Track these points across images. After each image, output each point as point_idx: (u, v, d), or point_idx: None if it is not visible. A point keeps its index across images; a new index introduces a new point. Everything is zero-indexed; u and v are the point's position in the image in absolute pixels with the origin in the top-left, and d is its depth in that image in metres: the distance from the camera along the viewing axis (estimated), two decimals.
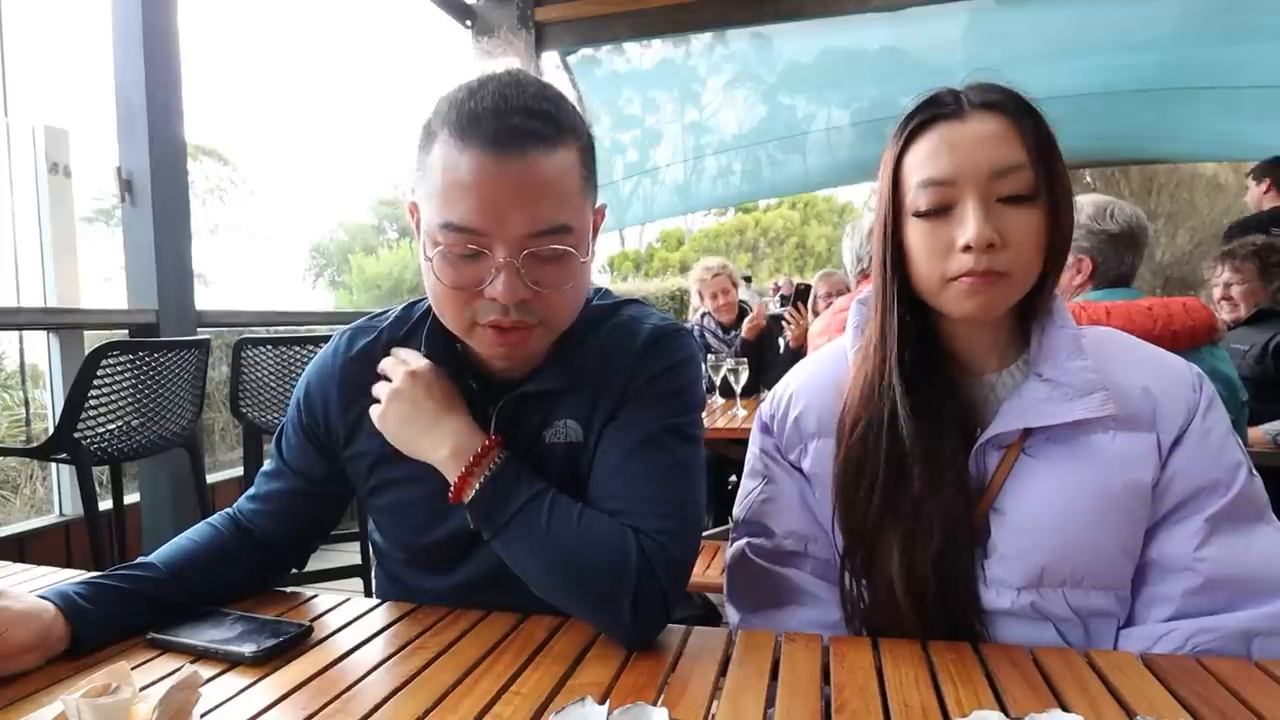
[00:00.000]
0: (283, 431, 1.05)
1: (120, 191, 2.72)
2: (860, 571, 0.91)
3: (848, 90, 5.58)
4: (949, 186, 0.83)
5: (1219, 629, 0.79)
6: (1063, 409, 0.84)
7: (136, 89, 2.68)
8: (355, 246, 21.42)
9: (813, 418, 0.98)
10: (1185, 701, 0.67)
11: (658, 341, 0.97)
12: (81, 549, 2.66)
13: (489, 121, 0.79)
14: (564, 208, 0.82)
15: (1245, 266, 2.71)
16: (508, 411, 0.95)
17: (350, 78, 44.72)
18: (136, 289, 2.77)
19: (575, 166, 0.84)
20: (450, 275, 0.83)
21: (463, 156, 0.79)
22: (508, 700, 0.70)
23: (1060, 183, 0.83)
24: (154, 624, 0.84)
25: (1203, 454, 0.84)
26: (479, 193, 0.79)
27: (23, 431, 4.41)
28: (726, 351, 3.66)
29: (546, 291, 0.83)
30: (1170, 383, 0.87)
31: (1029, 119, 0.83)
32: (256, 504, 1.03)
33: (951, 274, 0.83)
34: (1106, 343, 0.91)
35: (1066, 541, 0.84)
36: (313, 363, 1.04)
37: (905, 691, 0.69)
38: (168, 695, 0.61)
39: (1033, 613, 0.85)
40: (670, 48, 5.39)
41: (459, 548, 0.97)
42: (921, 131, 0.85)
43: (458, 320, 0.86)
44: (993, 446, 0.88)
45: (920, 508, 0.86)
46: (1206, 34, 4.46)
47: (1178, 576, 0.83)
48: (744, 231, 25.05)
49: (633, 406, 0.93)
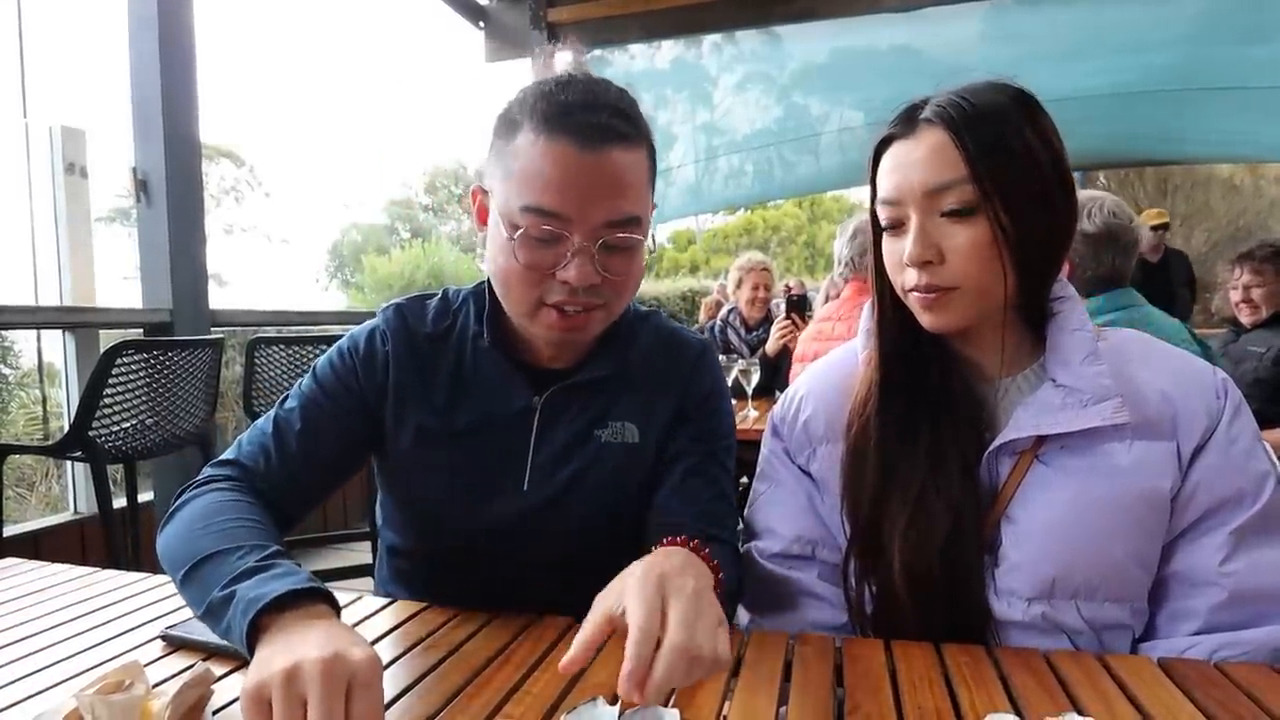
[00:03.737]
0: (305, 383, 1.00)
1: (135, 191, 2.74)
2: (863, 572, 0.91)
3: (861, 91, 5.55)
4: (896, 205, 0.85)
5: (1246, 644, 0.77)
6: (1075, 416, 0.82)
7: (152, 89, 2.70)
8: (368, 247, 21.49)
9: (821, 422, 0.98)
10: (1203, 707, 0.66)
11: (704, 356, 1.06)
12: (96, 547, 2.68)
13: (579, 115, 0.83)
14: (637, 202, 0.88)
15: (1265, 268, 2.69)
16: (554, 401, 0.98)
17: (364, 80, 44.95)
18: (151, 288, 2.79)
19: (646, 166, 0.91)
20: (526, 255, 0.86)
21: (551, 145, 0.83)
22: (519, 700, 0.69)
23: (1018, 189, 0.80)
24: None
25: (1226, 464, 0.81)
26: (565, 180, 0.83)
27: (40, 429, 4.45)
28: (746, 351, 3.64)
29: (614, 277, 0.88)
30: (1191, 388, 0.84)
31: (976, 130, 0.81)
32: (266, 464, 0.94)
33: (906, 286, 0.86)
34: (1125, 346, 0.89)
35: (1077, 552, 0.82)
36: (356, 334, 1.01)
37: (919, 694, 0.69)
38: (180, 692, 0.62)
39: (1044, 624, 0.83)
40: (681, 48, 5.38)
41: (484, 543, 0.97)
42: (884, 149, 0.88)
43: (526, 298, 0.89)
44: (1005, 453, 0.86)
45: (921, 508, 0.86)
46: (1221, 34, 4.41)
47: (1203, 591, 0.80)
48: (753, 231, 24.99)
49: (695, 421, 1.01)
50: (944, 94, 0.84)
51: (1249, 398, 0.87)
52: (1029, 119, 0.83)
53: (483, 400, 0.98)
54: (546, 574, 0.98)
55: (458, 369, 1.00)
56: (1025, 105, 0.84)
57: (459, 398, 0.99)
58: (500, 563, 0.98)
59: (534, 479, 0.97)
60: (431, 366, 1.00)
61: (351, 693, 0.56)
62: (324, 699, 0.54)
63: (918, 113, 0.85)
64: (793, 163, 6.58)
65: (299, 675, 0.55)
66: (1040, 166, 0.82)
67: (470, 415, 0.98)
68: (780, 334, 3.18)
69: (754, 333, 3.78)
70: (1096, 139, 5.91)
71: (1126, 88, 5.02)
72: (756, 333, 3.76)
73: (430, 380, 0.99)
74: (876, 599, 0.90)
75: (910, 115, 0.85)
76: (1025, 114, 0.83)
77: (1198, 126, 5.63)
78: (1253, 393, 2.47)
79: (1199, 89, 5.00)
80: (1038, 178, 0.82)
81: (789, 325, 3.16)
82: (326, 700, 0.54)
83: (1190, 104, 5.21)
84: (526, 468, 0.97)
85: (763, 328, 3.72)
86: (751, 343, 3.75)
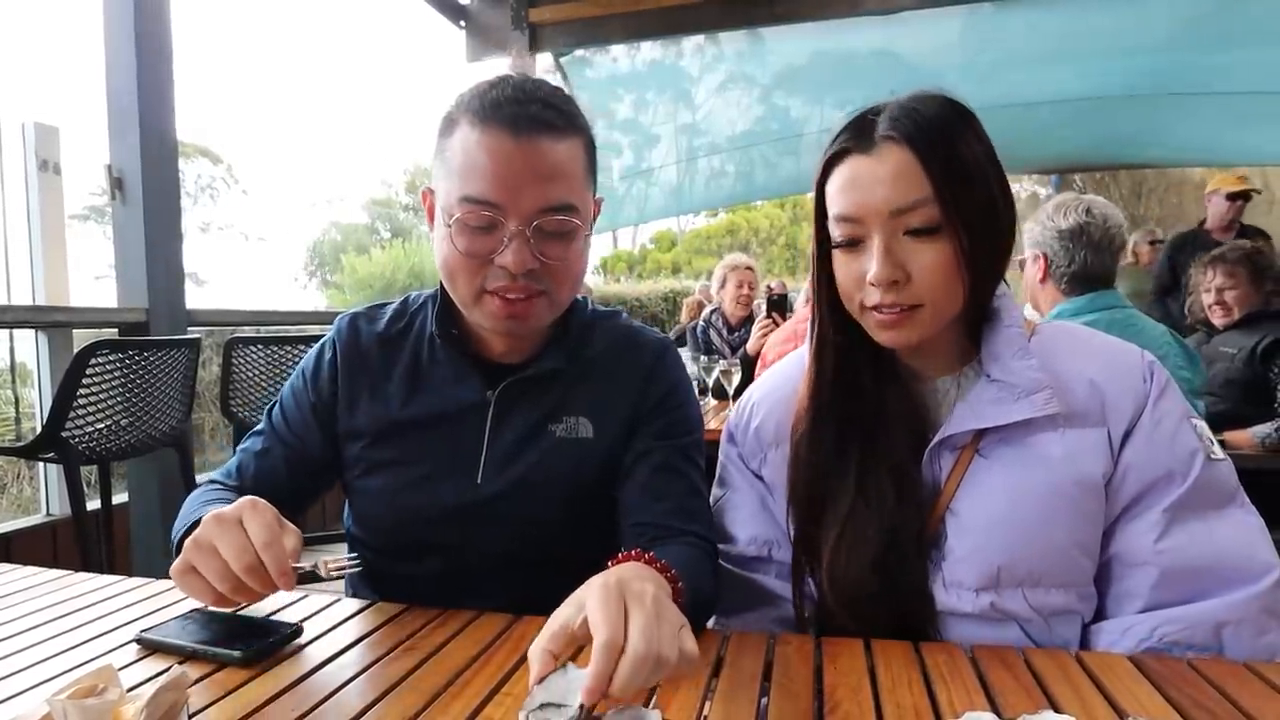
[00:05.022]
0: (275, 409, 1.08)
1: (110, 189, 2.70)
2: (800, 579, 0.94)
3: (842, 92, 5.59)
4: (856, 224, 0.84)
5: (1185, 619, 0.79)
6: (1008, 409, 0.84)
7: (128, 85, 2.66)
8: (348, 246, 21.34)
9: (771, 426, 1.00)
10: (1176, 703, 0.67)
11: (665, 354, 1.07)
12: (68, 549, 2.64)
13: (509, 107, 0.88)
14: (570, 190, 0.91)
15: (1238, 271, 2.74)
16: (508, 395, 1.00)
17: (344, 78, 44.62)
18: (127, 287, 2.75)
19: (581, 157, 0.93)
20: (465, 243, 0.90)
21: (484, 137, 0.88)
22: (499, 702, 0.69)
23: (974, 204, 0.82)
24: None
25: (1154, 445, 0.84)
26: (497, 168, 0.87)
27: (11, 431, 4.38)
28: (728, 352, 3.65)
29: (551, 262, 0.91)
30: (1117, 373, 0.86)
31: (936, 149, 0.81)
32: (249, 480, 1.04)
33: (867, 304, 0.86)
34: (1055, 338, 0.91)
35: (1019, 541, 0.83)
36: (315, 349, 1.09)
37: (898, 692, 0.69)
38: (155, 696, 0.61)
39: (994, 613, 0.84)
40: (663, 49, 5.39)
41: (439, 535, 1.00)
42: (837, 162, 0.87)
43: (468, 286, 0.92)
44: (945, 449, 0.88)
45: (853, 517, 0.88)
46: (1194, 40, 4.48)
47: (1141, 571, 0.83)
48: (735, 232, 25.07)
49: (657, 419, 1.01)
50: (896, 107, 0.84)
51: (1220, 399, 0.89)
52: (974, 132, 0.84)
53: (437, 394, 1.02)
54: (505, 567, 1.00)
55: (414, 366, 1.04)
56: (967, 118, 0.85)
57: (412, 393, 1.02)
58: (455, 555, 1.00)
59: (488, 472, 0.99)
60: (384, 366, 1.04)
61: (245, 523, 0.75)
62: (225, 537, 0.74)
63: (872, 128, 0.84)
64: (774, 164, 6.62)
65: (202, 535, 0.75)
66: (987, 179, 0.84)
67: (424, 409, 1.01)
68: (762, 333, 3.20)
69: (736, 333, 3.80)
70: (1072, 142, 5.99)
71: (1102, 92, 5.08)
72: (739, 333, 3.78)
73: (383, 379, 1.04)
74: (817, 603, 0.92)
75: (864, 129, 0.85)
76: (968, 124, 0.85)
77: (1171, 130, 5.72)
78: (1224, 393, 2.51)
79: (1172, 94, 5.08)
80: (986, 190, 0.83)
81: (770, 324, 3.18)
82: (228, 536, 0.74)
83: (1164, 108, 5.29)
84: (481, 461, 0.99)
85: (745, 328, 3.74)
86: (734, 343, 3.76)
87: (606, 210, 1.16)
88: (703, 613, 0.89)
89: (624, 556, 0.74)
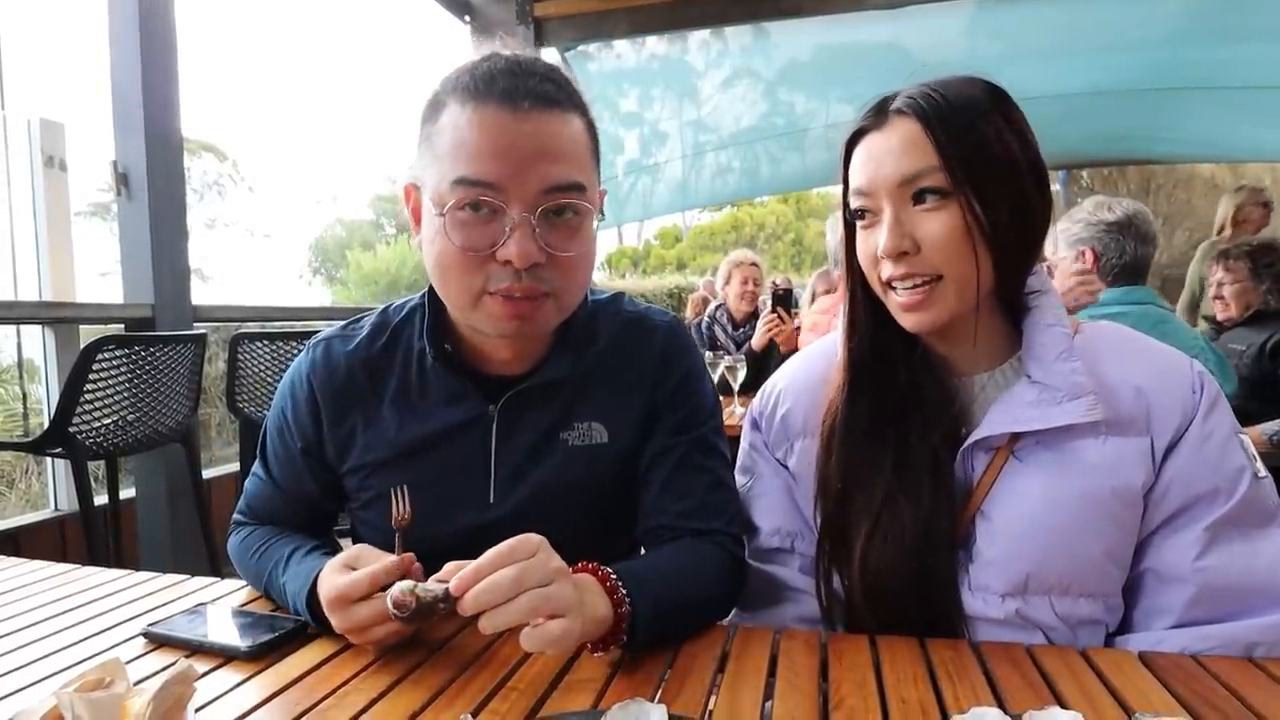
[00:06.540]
0: (268, 446, 1.01)
1: (116, 185, 2.70)
2: (829, 573, 0.91)
3: (847, 87, 5.56)
4: (869, 197, 0.84)
5: (1218, 637, 0.77)
6: (1048, 414, 0.81)
7: (133, 82, 2.66)
8: (353, 242, 21.37)
9: (799, 416, 0.97)
10: (1183, 700, 0.66)
11: (674, 337, 0.99)
12: (76, 544, 2.65)
13: (505, 80, 0.79)
14: (578, 168, 0.82)
15: (1238, 266, 2.74)
16: (511, 408, 0.93)
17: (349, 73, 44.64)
18: (132, 283, 2.76)
19: (585, 137, 0.85)
20: (461, 236, 0.80)
21: (477, 113, 0.78)
22: (504, 696, 0.69)
23: (990, 177, 0.81)
24: None
25: (1201, 460, 0.80)
26: (495, 147, 0.78)
27: (19, 426, 4.39)
28: (732, 348, 3.64)
29: (559, 255, 0.82)
30: (1166, 383, 0.83)
31: (946, 119, 0.81)
32: (265, 519, 1.02)
33: (884, 278, 0.85)
34: (1101, 340, 0.88)
35: (1051, 549, 0.82)
36: (290, 380, 1.00)
37: (903, 688, 0.69)
38: (162, 689, 0.61)
39: (1019, 620, 0.83)
40: (668, 44, 5.37)
41: (456, 559, 0.96)
42: (856, 142, 0.87)
43: (466, 289, 0.83)
44: (980, 449, 0.86)
45: (889, 506, 0.86)
46: (1201, 34, 4.45)
47: (1178, 587, 0.80)
48: (740, 227, 25.02)
49: (674, 412, 0.96)
50: (915, 86, 0.85)
51: (1229, 395, 0.87)
52: (1001, 110, 0.83)
53: (433, 415, 0.93)
54: None
55: (405, 386, 0.95)
56: (997, 97, 0.84)
57: (406, 417, 0.94)
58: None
59: (499, 491, 0.93)
60: (371, 391, 0.95)
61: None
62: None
63: (888, 105, 0.85)
64: (779, 159, 6.59)
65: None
66: (1012, 156, 0.82)
67: (421, 431, 0.93)
68: (766, 328, 3.20)
69: (741, 329, 3.79)
70: (1079, 138, 5.96)
71: (1109, 86, 5.06)
72: (744, 329, 3.77)
73: (373, 406, 0.95)
74: (846, 598, 0.90)
75: (881, 108, 0.86)
76: (997, 106, 0.83)
77: (1178, 126, 5.69)
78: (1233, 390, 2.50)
79: (1179, 88, 5.05)
80: (1009, 167, 0.82)
81: (774, 319, 3.17)
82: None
83: (1171, 103, 5.26)
84: (490, 480, 0.93)
85: (750, 324, 3.72)
86: (738, 339, 3.75)
87: (611, 206, 1.14)
88: (704, 613, 0.85)
89: (582, 568, 0.76)
